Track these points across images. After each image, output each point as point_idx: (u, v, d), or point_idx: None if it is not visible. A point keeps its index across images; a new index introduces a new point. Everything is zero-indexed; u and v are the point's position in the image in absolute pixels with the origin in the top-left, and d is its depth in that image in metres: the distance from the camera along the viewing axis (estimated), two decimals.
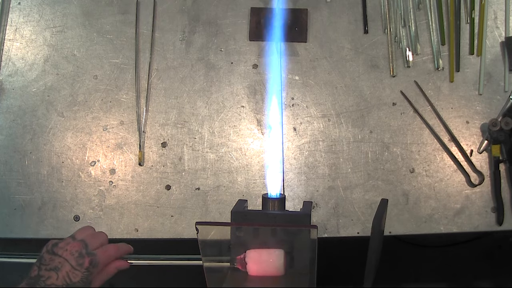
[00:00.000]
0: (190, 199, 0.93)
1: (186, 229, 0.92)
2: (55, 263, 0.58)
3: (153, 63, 0.98)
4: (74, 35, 1.00)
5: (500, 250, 1.59)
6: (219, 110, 0.96)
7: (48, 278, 0.57)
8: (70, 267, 0.57)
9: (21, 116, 0.97)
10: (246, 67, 0.98)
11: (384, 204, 0.70)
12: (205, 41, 0.99)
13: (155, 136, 0.95)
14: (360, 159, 0.93)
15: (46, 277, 0.57)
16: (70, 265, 0.58)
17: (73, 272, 0.57)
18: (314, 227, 0.60)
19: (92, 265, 0.59)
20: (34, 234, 0.93)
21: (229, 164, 0.94)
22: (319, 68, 0.97)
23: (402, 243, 1.52)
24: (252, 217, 0.65)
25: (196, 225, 0.61)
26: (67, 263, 0.58)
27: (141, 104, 0.97)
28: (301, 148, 0.94)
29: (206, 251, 0.64)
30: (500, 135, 0.88)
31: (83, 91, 0.98)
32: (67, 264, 0.57)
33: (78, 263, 0.58)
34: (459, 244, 1.52)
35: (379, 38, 0.98)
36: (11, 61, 1.00)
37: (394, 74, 0.96)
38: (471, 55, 0.96)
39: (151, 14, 1.00)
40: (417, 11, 0.98)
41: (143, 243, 0.90)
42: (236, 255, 0.64)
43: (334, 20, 0.99)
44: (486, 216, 0.90)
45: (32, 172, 0.95)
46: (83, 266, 0.58)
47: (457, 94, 0.94)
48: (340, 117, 0.95)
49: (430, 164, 0.92)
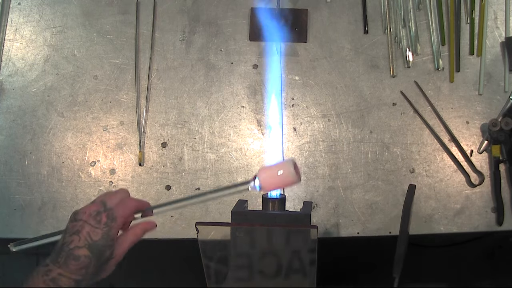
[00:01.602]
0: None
1: (186, 229, 0.92)
2: (76, 228, 0.58)
3: (153, 63, 0.98)
4: (74, 35, 1.00)
5: (500, 250, 1.59)
6: (219, 110, 0.96)
7: (71, 242, 0.57)
8: (90, 226, 0.58)
9: (21, 116, 0.97)
10: (246, 67, 0.98)
11: (412, 191, 0.69)
12: (205, 41, 0.99)
13: (155, 136, 0.95)
14: (360, 159, 0.93)
15: (69, 242, 0.57)
16: (90, 225, 0.58)
17: (93, 231, 0.57)
18: (314, 227, 0.60)
19: (110, 219, 0.58)
20: (34, 234, 0.91)
21: (229, 164, 0.94)
22: (319, 68, 0.97)
23: None
24: (252, 217, 0.65)
25: (196, 225, 0.61)
26: (86, 224, 0.58)
27: (141, 104, 0.97)
28: (301, 148, 0.94)
29: (206, 251, 0.64)
30: (500, 135, 0.88)
31: (83, 91, 0.98)
32: (86, 225, 0.58)
33: (96, 220, 0.58)
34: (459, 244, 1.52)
35: (379, 38, 0.98)
36: (11, 61, 1.00)
37: (394, 74, 0.96)
38: (471, 55, 0.96)
39: (151, 14, 1.00)
40: (417, 11, 0.98)
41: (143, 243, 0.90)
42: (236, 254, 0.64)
43: (334, 20, 0.99)
44: (486, 216, 0.90)
45: (32, 172, 0.95)
46: (101, 223, 0.58)
47: (457, 94, 0.94)
48: (340, 117, 0.95)
49: (430, 164, 0.92)
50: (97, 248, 0.57)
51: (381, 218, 0.90)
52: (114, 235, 0.59)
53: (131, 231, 0.63)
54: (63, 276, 0.56)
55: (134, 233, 0.63)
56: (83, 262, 0.57)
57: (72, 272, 0.56)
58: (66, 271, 0.56)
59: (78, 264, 0.56)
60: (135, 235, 0.63)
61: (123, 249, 0.61)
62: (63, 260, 0.56)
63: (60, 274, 0.56)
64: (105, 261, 0.59)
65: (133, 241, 0.62)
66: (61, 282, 0.56)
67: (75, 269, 0.56)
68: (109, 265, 0.60)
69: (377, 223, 0.90)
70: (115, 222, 0.59)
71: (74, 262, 0.56)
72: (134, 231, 0.63)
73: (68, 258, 0.56)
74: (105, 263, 0.59)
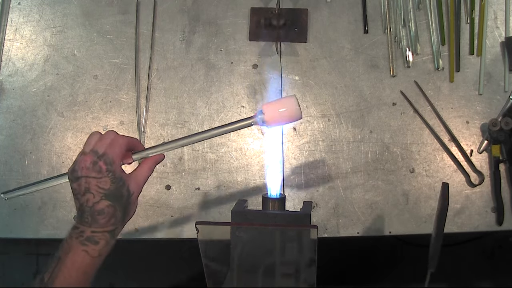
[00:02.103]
0: (190, 199, 0.93)
1: (186, 229, 0.92)
2: (83, 186, 0.58)
3: (153, 63, 0.98)
4: (74, 35, 1.00)
5: (500, 250, 1.59)
6: (219, 110, 0.96)
7: (87, 201, 0.57)
8: (95, 179, 0.58)
9: (21, 116, 0.97)
10: (246, 67, 0.98)
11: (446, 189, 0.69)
12: (205, 41, 0.99)
13: (155, 136, 0.95)
14: (360, 159, 0.93)
15: (86, 201, 0.57)
16: (94, 178, 0.58)
17: (100, 182, 0.58)
18: (314, 227, 0.60)
19: (108, 164, 0.58)
20: (34, 234, 0.93)
21: (229, 164, 0.94)
22: (319, 68, 0.97)
23: (402, 243, 1.53)
24: (252, 217, 0.65)
25: (196, 225, 0.61)
26: (90, 178, 0.58)
27: (141, 104, 0.97)
28: (301, 148, 0.94)
29: (206, 251, 0.64)
30: (500, 135, 0.88)
31: (83, 91, 0.98)
32: (91, 179, 0.58)
33: (96, 171, 0.58)
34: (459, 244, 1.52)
35: (379, 38, 0.98)
36: (11, 61, 1.00)
37: (394, 74, 0.96)
38: (471, 55, 0.96)
39: (151, 14, 1.00)
40: (417, 11, 0.98)
41: (143, 243, 0.90)
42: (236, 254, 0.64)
43: (334, 20, 0.99)
44: (486, 216, 0.90)
45: (32, 172, 0.95)
46: (102, 171, 0.58)
47: (457, 94, 0.94)
48: (340, 117, 0.95)
49: (430, 164, 0.92)
50: (113, 194, 0.58)
51: (381, 218, 0.90)
52: (120, 174, 0.59)
53: (143, 165, 0.64)
54: (97, 232, 0.57)
55: (147, 167, 0.63)
56: (108, 212, 0.57)
57: (103, 225, 0.57)
58: (97, 227, 0.57)
59: (105, 217, 0.57)
60: (149, 168, 0.64)
61: (139, 183, 0.62)
62: (90, 219, 0.57)
63: (94, 232, 0.57)
64: (126, 201, 0.59)
65: (147, 174, 0.63)
66: (97, 238, 0.57)
67: (105, 222, 0.57)
68: (132, 202, 0.61)
69: (377, 223, 0.90)
70: (114, 164, 0.59)
71: (101, 216, 0.57)
72: (146, 164, 0.64)
73: (94, 215, 0.57)
74: (128, 203, 0.59)
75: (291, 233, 0.64)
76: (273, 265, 0.65)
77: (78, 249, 0.56)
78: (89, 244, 0.56)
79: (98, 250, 0.57)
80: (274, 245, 0.64)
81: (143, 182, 0.63)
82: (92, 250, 0.56)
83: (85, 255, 0.56)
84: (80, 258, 0.56)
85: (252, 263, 0.65)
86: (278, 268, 0.65)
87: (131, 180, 0.61)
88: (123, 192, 0.59)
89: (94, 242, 0.57)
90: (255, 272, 0.65)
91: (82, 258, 0.56)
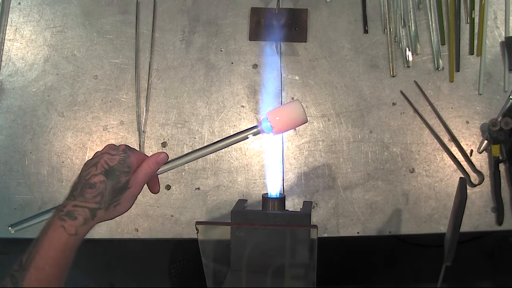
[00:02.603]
0: (190, 199, 0.93)
1: (186, 229, 0.92)
2: (94, 160, 0.59)
3: (153, 63, 0.98)
4: (74, 35, 1.00)
5: (500, 250, 1.59)
6: (219, 110, 0.96)
7: (88, 173, 0.58)
8: (108, 155, 0.59)
9: (21, 116, 0.97)
10: (246, 67, 0.98)
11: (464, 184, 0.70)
12: (205, 41, 0.99)
13: (155, 136, 0.96)
14: (360, 159, 0.93)
15: (86, 174, 0.58)
16: (108, 154, 0.59)
17: (110, 158, 0.59)
18: (314, 227, 0.60)
19: (128, 149, 0.60)
20: (34, 234, 0.92)
21: (229, 164, 0.94)
22: (319, 68, 0.97)
23: (402, 243, 1.52)
24: (252, 217, 0.65)
25: (196, 225, 0.61)
26: (105, 154, 0.59)
27: (141, 104, 0.97)
28: (301, 148, 0.94)
29: (206, 251, 0.64)
30: (500, 135, 0.88)
31: (83, 91, 0.98)
32: (105, 155, 0.59)
33: (115, 149, 0.60)
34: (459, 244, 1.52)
35: (379, 38, 0.98)
36: (11, 61, 1.00)
37: (394, 74, 0.96)
38: (471, 55, 0.96)
39: (151, 14, 1.00)
40: (417, 11, 0.98)
41: (143, 243, 0.90)
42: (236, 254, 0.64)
43: (334, 20, 0.99)
44: (486, 216, 0.90)
45: (32, 172, 0.95)
46: (119, 150, 0.60)
47: (457, 94, 0.94)
48: (340, 117, 0.95)
49: (430, 164, 0.92)
50: (113, 173, 0.58)
51: (381, 218, 0.90)
52: (131, 163, 0.60)
53: (145, 163, 0.64)
54: (78, 206, 0.56)
55: (147, 165, 0.64)
56: (98, 188, 0.57)
57: (87, 200, 0.57)
58: (81, 201, 0.57)
59: (93, 192, 0.57)
60: (149, 166, 0.64)
61: (139, 180, 0.62)
62: (79, 192, 0.57)
63: (75, 206, 0.56)
64: (120, 189, 0.59)
65: (147, 172, 0.63)
66: (76, 213, 0.56)
67: (90, 197, 0.57)
68: (126, 197, 0.60)
69: (377, 223, 0.90)
70: (133, 152, 0.60)
71: (90, 190, 0.57)
72: (147, 163, 0.64)
73: (84, 187, 0.57)
74: (121, 192, 0.59)
75: (291, 233, 0.64)
76: (273, 265, 0.65)
77: (56, 225, 0.55)
78: (67, 219, 0.55)
79: (75, 226, 0.55)
80: (274, 245, 0.64)
81: (143, 180, 0.62)
82: (69, 226, 0.55)
83: (62, 232, 0.55)
84: (57, 235, 0.54)
85: (252, 263, 0.65)
86: (278, 268, 0.65)
87: (134, 176, 0.61)
88: (122, 178, 0.59)
89: (72, 217, 0.55)
90: (255, 272, 0.65)
91: (59, 235, 0.54)
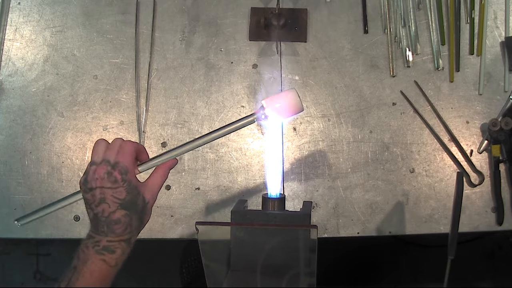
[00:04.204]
0: (190, 199, 0.93)
1: (186, 229, 0.92)
2: (97, 196, 0.58)
3: (153, 63, 0.98)
4: (74, 35, 1.00)
5: (500, 250, 1.59)
6: (219, 110, 0.96)
7: (103, 211, 0.57)
8: (110, 189, 0.57)
9: (21, 116, 0.97)
10: (246, 67, 0.98)
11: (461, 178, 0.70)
12: (205, 41, 0.99)
13: (155, 136, 0.96)
14: (360, 159, 0.93)
15: (101, 212, 0.57)
16: (109, 188, 0.57)
17: (116, 192, 0.58)
18: (314, 227, 0.60)
19: (123, 173, 0.58)
20: (34, 234, 0.93)
21: (229, 164, 0.94)
22: (319, 68, 0.97)
23: (402, 243, 1.53)
24: (252, 217, 0.65)
25: (196, 225, 0.61)
26: (105, 189, 0.57)
27: (141, 104, 0.97)
28: (301, 148, 0.94)
29: (206, 251, 0.64)
30: (500, 135, 0.88)
31: (83, 91, 0.98)
32: (106, 190, 0.57)
33: (112, 181, 0.58)
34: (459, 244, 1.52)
35: (379, 38, 0.98)
36: (11, 61, 1.00)
37: (394, 74, 0.96)
38: (471, 55, 0.96)
39: (151, 14, 1.00)
40: (417, 11, 0.98)
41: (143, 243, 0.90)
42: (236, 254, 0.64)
43: (334, 20, 0.99)
44: (486, 216, 0.90)
45: (32, 172, 0.95)
46: (118, 181, 0.58)
47: (457, 94, 0.94)
48: (340, 117, 0.95)
49: (430, 164, 0.92)
50: (129, 203, 0.58)
51: (381, 218, 0.90)
52: (135, 184, 0.59)
53: (157, 173, 0.63)
54: (113, 241, 0.57)
55: (160, 174, 0.63)
56: (124, 221, 0.57)
57: (119, 235, 0.57)
58: (113, 236, 0.57)
59: (121, 226, 0.57)
60: (162, 175, 0.63)
61: (154, 192, 0.62)
62: (106, 228, 0.57)
63: (109, 241, 0.57)
64: (142, 210, 0.59)
65: (161, 182, 0.63)
66: (113, 247, 0.57)
67: (121, 231, 0.57)
68: (147, 210, 0.61)
69: (377, 223, 0.90)
70: (129, 173, 0.59)
71: (117, 226, 0.57)
72: (158, 172, 0.64)
73: (110, 225, 0.57)
74: (143, 211, 0.60)
75: (291, 233, 0.64)
76: (273, 265, 0.65)
77: (96, 259, 0.56)
78: (106, 253, 0.56)
79: (115, 259, 0.57)
80: (274, 245, 0.64)
81: (157, 190, 0.62)
82: (109, 259, 0.56)
83: (102, 264, 0.56)
84: (98, 267, 0.56)
85: (252, 263, 0.65)
86: (278, 268, 0.65)
87: (145, 189, 0.61)
88: (139, 201, 0.59)
89: (110, 251, 0.57)
90: (255, 272, 0.65)
91: (99, 267, 0.56)
